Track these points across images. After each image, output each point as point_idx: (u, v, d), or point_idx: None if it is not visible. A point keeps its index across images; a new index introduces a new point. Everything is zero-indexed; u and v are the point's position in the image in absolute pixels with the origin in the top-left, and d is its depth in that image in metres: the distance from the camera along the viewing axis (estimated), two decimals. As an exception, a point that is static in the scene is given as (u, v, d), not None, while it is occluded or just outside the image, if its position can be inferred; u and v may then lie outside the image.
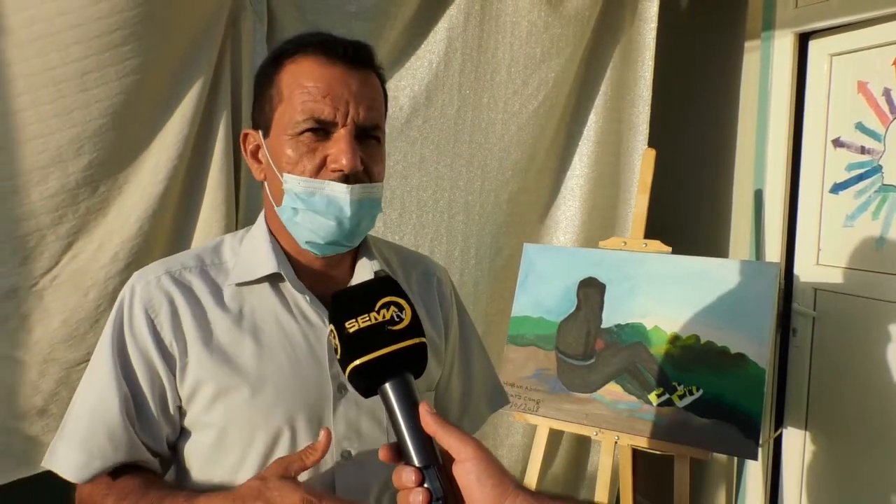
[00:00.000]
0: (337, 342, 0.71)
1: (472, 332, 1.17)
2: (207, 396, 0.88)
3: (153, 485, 0.88)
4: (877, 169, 1.92)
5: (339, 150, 0.86)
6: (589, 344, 1.79)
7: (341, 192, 0.87)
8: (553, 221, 2.21)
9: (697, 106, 2.44)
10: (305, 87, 0.87)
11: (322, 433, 0.81)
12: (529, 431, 2.20)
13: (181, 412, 0.91)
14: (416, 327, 0.72)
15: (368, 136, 0.90)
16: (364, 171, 0.89)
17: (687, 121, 2.47)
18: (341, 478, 0.89)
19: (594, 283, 1.83)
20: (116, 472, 0.89)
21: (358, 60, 0.89)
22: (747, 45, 2.22)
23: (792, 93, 2.10)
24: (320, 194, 0.87)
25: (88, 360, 1.45)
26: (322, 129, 0.87)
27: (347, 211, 0.87)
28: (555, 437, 2.20)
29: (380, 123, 0.92)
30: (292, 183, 0.88)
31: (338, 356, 0.71)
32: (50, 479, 0.93)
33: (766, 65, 2.15)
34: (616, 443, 1.71)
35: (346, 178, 0.87)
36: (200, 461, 0.90)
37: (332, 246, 0.92)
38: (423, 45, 1.93)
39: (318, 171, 0.88)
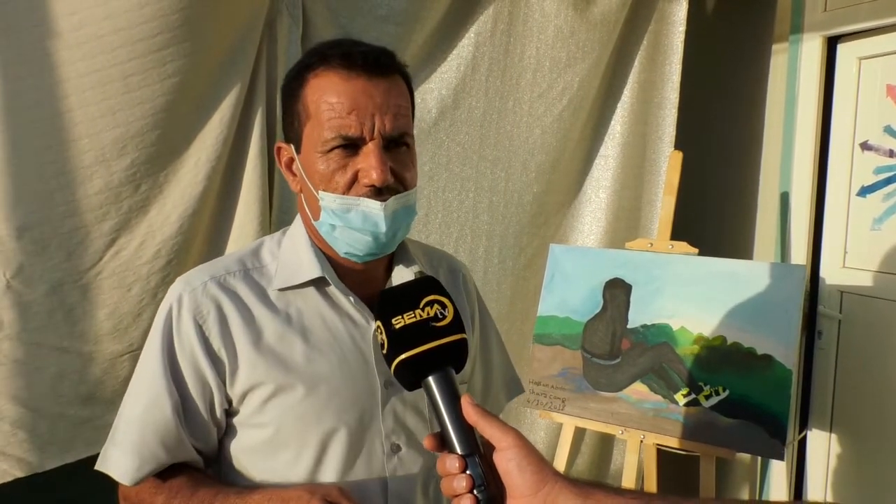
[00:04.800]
0: (384, 337, 0.74)
1: (491, 326, 1.20)
2: (262, 397, 0.90)
3: (202, 483, 0.90)
4: (905, 172, 1.92)
5: (370, 164, 0.87)
6: (615, 344, 1.80)
7: (376, 209, 0.88)
8: (578, 222, 2.23)
9: (724, 108, 2.44)
10: (330, 103, 0.87)
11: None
12: (552, 429, 2.22)
13: (228, 413, 0.94)
14: (457, 324, 0.75)
15: (398, 144, 0.91)
16: (397, 180, 0.90)
17: (713, 123, 2.47)
18: (391, 469, 0.93)
19: (620, 283, 1.84)
20: (163, 471, 0.91)
21: (379, 69, 0.89)
22: (775, 48, 2.22)
23: (819, 96, 2.10)
24: (356, 211, 0.89)
25: (131, 352, 1.53)
26: (351, 145, 0.88)
27: (383, 226, 0.89)
28: (577, 435, 2.22)
29: (408, 130, 0.92)
30: (328, 200, 0.90)
31: (384, 351, 0.74)
32: (90, 463, 0.97)
33: (794, 68, 2.15)
34: (641, 442, 1.73)
35: (379, 191, 0.89)
36: (252, 459, 0.93)
37: (370, 255, 0.94)
38: (451, 49, 1.96)
39: (351, 186, 0.89)
